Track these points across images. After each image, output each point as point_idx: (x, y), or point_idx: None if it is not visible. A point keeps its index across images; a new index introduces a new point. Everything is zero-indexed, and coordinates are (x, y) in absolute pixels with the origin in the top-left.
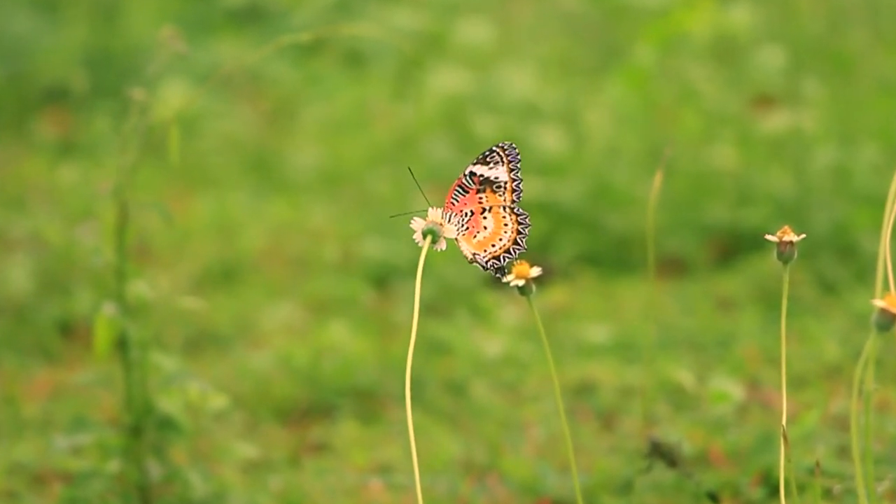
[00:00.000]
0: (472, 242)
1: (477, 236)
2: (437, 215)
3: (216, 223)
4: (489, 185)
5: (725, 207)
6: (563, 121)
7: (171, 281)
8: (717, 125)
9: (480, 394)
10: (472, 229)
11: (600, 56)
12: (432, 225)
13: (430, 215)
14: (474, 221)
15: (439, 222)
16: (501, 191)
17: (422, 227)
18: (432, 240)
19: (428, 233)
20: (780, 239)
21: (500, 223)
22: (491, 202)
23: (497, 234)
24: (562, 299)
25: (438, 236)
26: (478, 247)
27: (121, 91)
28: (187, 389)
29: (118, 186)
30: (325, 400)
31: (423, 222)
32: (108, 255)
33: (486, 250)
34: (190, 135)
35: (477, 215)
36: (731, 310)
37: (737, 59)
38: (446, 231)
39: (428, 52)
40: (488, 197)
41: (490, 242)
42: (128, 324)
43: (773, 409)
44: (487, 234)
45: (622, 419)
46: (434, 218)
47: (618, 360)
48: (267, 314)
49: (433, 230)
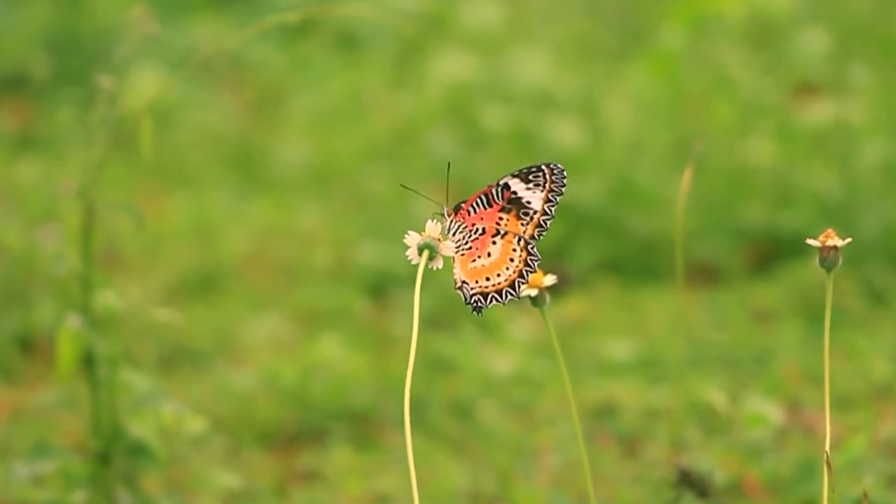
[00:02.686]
0: (466, 266)
1: (476, 261)
2: (436, 229)
3: (194, 226)
4: (517, 206)
5: (762, 208)
6: (581, 112)
7: (143, 290)
8: (754, 116)
9: (489, 417)
10: (474, 250)
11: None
12: (429, 240)
13: (427, 229)
14: (481, 242)
15: (437, 237)
16: (527, 220)
17: (417, 243)
18: (429, 256)
19: (424, 248)
20: (824, 243)
21: (506, 255)
22: (510, 227)
23: (497, 268)
24: (579, 311)
25: (435, 252)
26: (470, 274)
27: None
28: (161, 411)
29: (84, 185)
30: (316, 423)
31: (419, 237)
32: (72, 261)
33: (478, 281)
34: (164, 127)
35: (487, 236)
36: (769, 322)
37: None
38: (444, 248)
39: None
40: (509, 220)
41: (485, 274)
42: (95, 338)
43: (815, 434)
44: (488, 263)
45: (647, 445)
46: (431, 232)
47: (642, 379)
48: (250, 327)
49: (430, 245)
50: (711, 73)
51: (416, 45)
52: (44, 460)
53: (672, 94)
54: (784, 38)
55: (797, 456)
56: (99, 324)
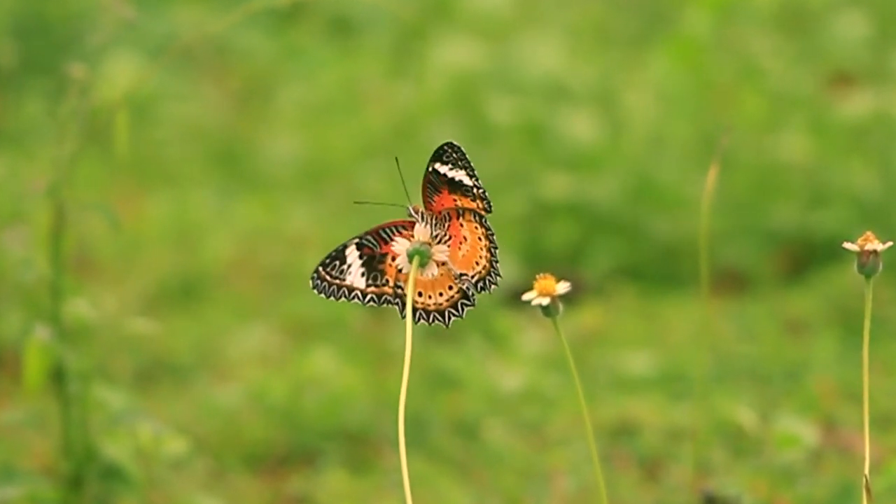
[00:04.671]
0: (457, 257)
1: (461, 248)
2: (426, 233)
3: (174, 228)
4: (458, 186)
5: (795, 209)
6: (598, 104)
7: (118, 299)
8: (786, 109)
9: (496, 436)
10: (454, 239)
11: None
12: (420, 246)
13: (417, 233)
14: (454, 228)
15: (428, 241)
16: (472, 196)
17: (407, 249)
18: (420, 263)
19: (414, 255)
20: (862, 247)
21: (475, 234)
22: (465, 204)
23: (476, 250)
24: (595, 321)
25: (427, 259)
26: (463, 263)
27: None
28: (138, 431)
29: (54, 183)
30: (307, 444)
31: (409, 243)
32: (41, 267)
33: (473, 268)
34: (141, 121)
35: (454, 220)
36: (803, 334)
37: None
38: (437, 253)
39: (432, 19)
40: (460, 199)
41: (473, 259)
42: (65, 351)
43: (852, 456)
44: (469, 248)
45: (669, 467)
46: (422, 237)
47: (664, 396)
48: (236, 339)
49: (421, 252)
50: (739, 62)
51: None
52: (10, 485)
53: (697, 84)
54: (819, 23)
55: (833, 480)
56: (70, 335)
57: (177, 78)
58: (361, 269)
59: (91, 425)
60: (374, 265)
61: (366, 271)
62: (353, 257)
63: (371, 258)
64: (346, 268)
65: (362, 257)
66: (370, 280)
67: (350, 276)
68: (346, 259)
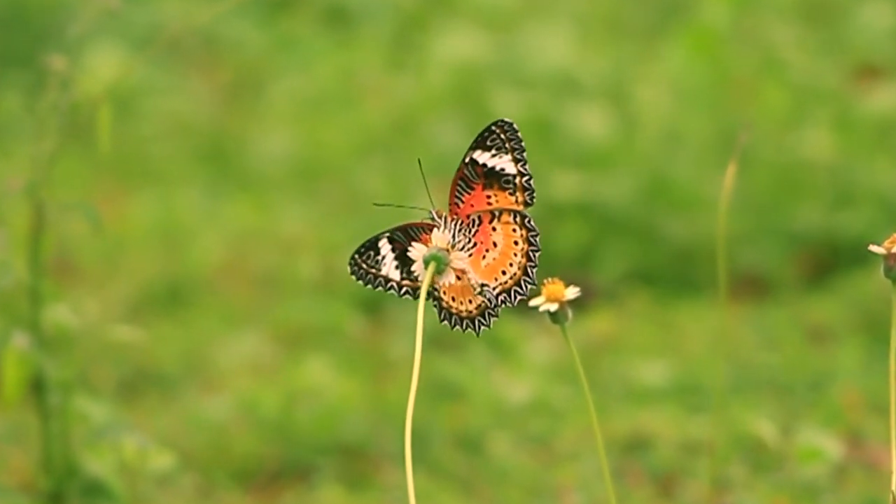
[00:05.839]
0: (479, 267)
1: (486, 256)
2: (444, 239)
3: (160, 230)
4: (496, 178)
5: (818, 210)
6: (609, 98)
7: (101, 305)
8: (808, 104)
9: (501, 450)
10: (480, 245)
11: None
12: (437, 251)
13: (434, 239)
14: (482, 233)
15: (445, 248)
16: (511, 188)
17: (423, 255)
18: (436, 269)
19: (430, 261)
20: (889, 250)
21: (510, 239)
22: (501, 204)
23: (507, 257)
24: (607, 328)
25: (444, 265)
26: (486, 273)
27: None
28: (122, 445)
29: (32, 183)
30: (301, 458)
31: (425, 248)
32: (19, 271)
33: (497, 279)
34: (125, 116)
35: (486, 224)
36: (826, 342)
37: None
38: (454, 259)
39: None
40: (497, 196)
41: (500, 268)
42: (45, 360)
43: (879, 471)
44: (497, 254)
45: (685, 483)
46: (440, 242)
47: (679, 408)
48: (225, 348)
49: (438, 257)
50: (760, 54)
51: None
52: None
53: (714, 77)
54: (843, 13)
55: (858, 496)
56: (50, 344)
57: (162, 70)
58: (395, 262)
59: (72, 439)
60: (406, 260)
61: (399, 265)
62: (387, 250)
63: (403, 252)
64: (381, 259)
65: (395, 251)
66: (404, 274)
67: (385, 267)
68: (379, 251)
